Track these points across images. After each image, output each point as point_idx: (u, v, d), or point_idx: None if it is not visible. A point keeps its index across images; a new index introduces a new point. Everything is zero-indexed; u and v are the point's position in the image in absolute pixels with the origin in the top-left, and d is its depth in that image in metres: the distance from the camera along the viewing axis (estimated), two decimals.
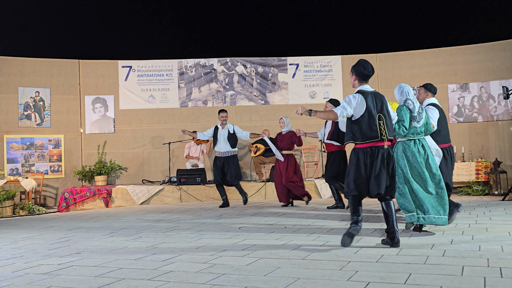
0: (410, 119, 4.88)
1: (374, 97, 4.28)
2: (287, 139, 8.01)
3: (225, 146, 8.21)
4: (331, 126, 7.51)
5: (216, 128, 8.35)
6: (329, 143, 7.48)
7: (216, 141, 8.27)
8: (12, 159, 9.93)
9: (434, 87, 5.80)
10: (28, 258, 4.25)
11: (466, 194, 9.19)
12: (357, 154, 4.23)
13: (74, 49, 12.02)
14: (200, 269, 3.53)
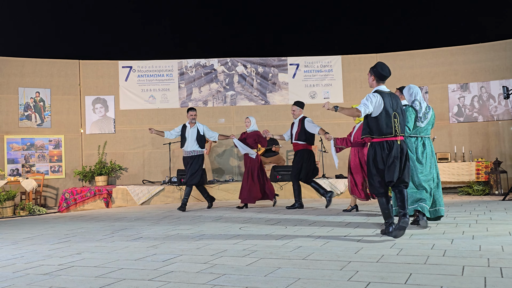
0: (415, 119, 5.23)
1: (390, 97, 4.71)
2: (251, 139, 7.99)
3: (192, 145, 8.02)
4: (298, 127, 7.69)
5: (184, 127, 8.15)
6: (296, 143, 7.69)
7: (184, 140, 8.06)
8: (13, 159, 9.93)
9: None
10: (29, 258, 4.26)
11: (467, 194, 9.20)
12: (374, 147, 4.69)
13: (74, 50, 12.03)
14: (200, 269, 3.53)
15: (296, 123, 7.73)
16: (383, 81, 4.81)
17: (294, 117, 7.82)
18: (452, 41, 10.74)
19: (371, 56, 10.94)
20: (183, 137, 8.11)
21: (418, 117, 5.23)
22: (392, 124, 4.62)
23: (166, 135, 8.18)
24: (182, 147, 8.13)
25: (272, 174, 9.61)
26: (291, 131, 7.83)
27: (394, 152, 4.58)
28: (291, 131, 7.83)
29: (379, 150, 4.64)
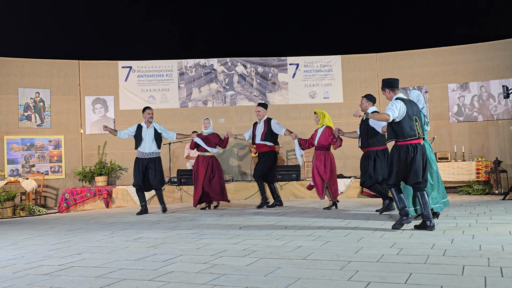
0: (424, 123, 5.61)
1: (410, 103, 5.13)
2: (214, 139, 7.93)
3: (150, 146, 7.70)
4: (264, 128, 7.77)
5: (140, 127, 7.80)
6: (262, 143, 7.77)
7: (140, 141, 7.71)
8: (13, 160, 9.93)
9: (374, 97, 6.74)
10: (29, 259, 4.26)
11: (467, 194, 9.20)
12: (398, 150, 5.04)
13: (74, 50, 12.03)
14: (200, 270, 3.53)
15: (261, 124, 7.85)
16: (398, 88, 5.28)
17: (259, 118, 7.91)
18: (452, 41, 10.75)
19: (371, 55, 10.94)
20: (139, 137, 7.72)
21: (426, 122, 5.75)
22: (415, 127, 5.02)
23: (119, 134, 7.74)
24: (137, 148, 7.74)
25: None
26: (254, 132, 7.89)
27: (418, 155, 4.97)
28: (254, 132, 7.89)
29: (403, 153, 5.01)
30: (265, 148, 7.78)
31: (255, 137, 7.91)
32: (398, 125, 5.03)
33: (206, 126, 7.96)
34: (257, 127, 7.94)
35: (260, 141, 7.79)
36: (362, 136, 6.64)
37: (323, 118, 7.30)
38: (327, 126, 7.24)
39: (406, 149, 4.99)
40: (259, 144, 7.84)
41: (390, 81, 5.30)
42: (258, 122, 7.95)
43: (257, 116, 7.93)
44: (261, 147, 7.82)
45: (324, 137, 7.16)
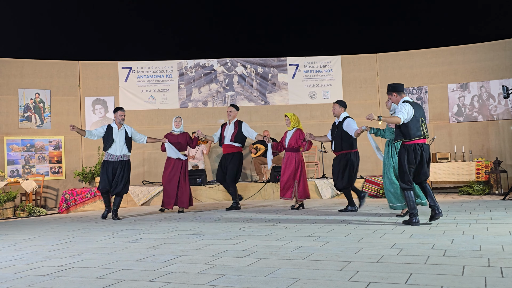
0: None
1: (415, 105, 5.42)
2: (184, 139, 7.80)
3: (122, 148, 7.27)
4: (234, 129, 7.80)
5: (110, 128, 7.33)
6: (230, 144, 7.78)
7: (111, 142, 7.23)
8: (13, 160, 9.93)
9: (345, 103, 7.14)
10: (29, 259, 4.26)
11: (467, 194, 9.20)
12: (407, 149, 5.36)
13: (74, 51, 12.04)
14: (200, 270, 3.53)
15: (231, 125, 7.84)
16: (403, 91, 5.57)
17: (230, 119, 7.89)
18: (452, 41, 10.76)
19: (371, 56, 10.95)
20: (109, 139, 7.25)
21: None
22: (421, 128, 5.35)
23: (87, 134, 7.22)
24: (107, 150, 7.25)
25: (272, 175, 9.61)
26: (223, 133, 7.86)
27: (425, 154, 5.36)
28: (223, 133, 7.86)
29: (411, 152, 5.34)
30: (234, 149, 7.79)
31: (223, 138, 7.86)
32: (405, 127, 5.34)
33: (178, 124, 7.81)
34: (226, 128, 7.89)
35: (229, 142, 7.78)
36: (336, 140, 6.93)
37: (294, 121, 7.55)
38: (297, 129, 7.51)
39: (414, 148, 5.33)
40: (228, 145, 7.80)
41: (396, 85, 5.59)
42: (228, 123, 7.92)
43: (228, 116, 7.91)
44: (229, 148, 7.79)
45: (294, 139, 7.43)
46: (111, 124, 7.39)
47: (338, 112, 6.98)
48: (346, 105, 7.08)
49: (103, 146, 7.34)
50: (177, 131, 7.83)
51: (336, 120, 7.05)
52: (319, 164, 10.36)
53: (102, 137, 7.34)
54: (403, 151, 5.40)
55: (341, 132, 6.84)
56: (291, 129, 7.53)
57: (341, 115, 6.95)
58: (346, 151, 6.83)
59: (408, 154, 5.35)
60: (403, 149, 5.41)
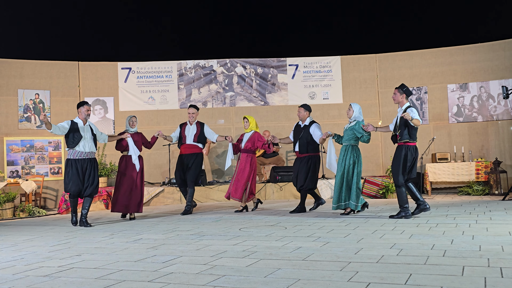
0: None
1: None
2: (138, 140, 7.44)
3: (91, 145, 6.77)
4: (196, 130, 7.79)
5: (75, 123, 6.73)
6: (194, 144, 7.77)
7: (79, 138, 6.65)
8: (12, 161, 9.93)
9: (310, 107, 7.38)
10: (29, 260, 4.25)
11: (466, 194, 9.20)
12: (407, 150, 5.90)
13: (73, 51, 12.03)
14: (200, 271, 3.53)
15: (193, 126, 7.80)
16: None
17: (192, 120, 7.83)
18: (451, 41, 10.76)
19: (370, 56, 10.95)
20: (76, 135, 6.66)
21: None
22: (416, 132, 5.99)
23: (53, 128, 6.46)
24: (75, 147, 6.64)
25: (272, 175, 9.61)
26: (183, 133, 7.80)
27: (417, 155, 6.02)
28: (183, 133, 7.80)
29: (410, 153, 5.90)
30: (197, 150, 7.78)
31: (184, 137, 7.77)
32: (414, 130, 5.91)
33: (134, 124, 7.46)
34: (187, 128, 7.81)
35: (192, 142, 7.74)
36: (301, 142, 7.13)
37: (253, 124, 7.75)
38: (255, 131, 7.73)
39: (414, 149, 5.93)
40: (190, 145, 7.73)
41: (409, 90, 6.15)
42: (190, 124, 7.83)
43: (190, 117, 7.83)
44: (192, 148, 7.75)
45: (251, 142, 7.64)
46: (74, 119, 6.78)
47: (304, 116, 7.24)
48: (311, 110, 7.36)
49: (67, 143, 6.70)
50: (132, 131, 7.48)
51: (301, 123, 7.29)
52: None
53: (66, 134, 6.67)
54: (403, 151, 5.91)
55: (307, 135, 7.10)
56: (249, 131, 7.72)
57: (306, 119, 7.23)
58: (311, 153, 7.14)
59: (407, 155, 5.89)
60: (404, 149, 5.92)
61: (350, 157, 6.47)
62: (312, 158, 7.14)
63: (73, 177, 6.58)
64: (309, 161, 7.12)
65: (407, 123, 5.87)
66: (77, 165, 6.62)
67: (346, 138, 6.59)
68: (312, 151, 7.13)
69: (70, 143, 6.64)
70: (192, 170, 7.65)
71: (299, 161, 7.21)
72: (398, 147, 6.03)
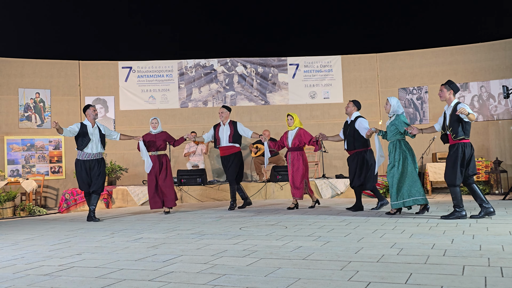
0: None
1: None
2: (161, 139, 7.69)
3: (98, 146, 7.09)
4: (230, 130, 7.78)
5: (84, 126, 7.06)
6: (230, 145, 7.78)
7: (87, 140, 7.00)
8: (13, 160, 9.93)
9: (360, 103, 7.16)
10: (29, 259, 4.26)
11: (467, 194, 9.19)
12: (465, 147, 5.64)
13: (74, 50, 12.04)
14: (201, 270, 3.53)
15: (226, 126, 7.84)
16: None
17: (223, 120, 7.89)
18: (452, 41, 10.76)
19: (371, 56, 10.95)
20: (86, 137, 7.01)
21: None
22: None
23: (65, 132, 6.85)
24: (83, 149, 7.01)
25: (272, 174, 9.62)
26: (217, 135, 7.84)
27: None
28: (217, 135, 7.84)
29: (467, 150, 5.66)
30: (233, 149, 7.80)
31: (219, 140, 7.82)
32: (468, 125, 5.62)
33: (155, 126, 7.70)
34: (220, 129, 7.86)
35: (228, 143, 7.77)
36: (348, 138, 6.95)
37: (297, 121, 7.64)
38: (300, 128, 7.61)
39: (470, 146, 5.68)
40: (227, 146, 7.77)
41: (457, 87, 5.82)
42: (223, 124, 7.88)
43: (220, 117, 7.89)
44: (229, 149, 7.78)
45: (298, 138, 7.50)
46: (83, 121, 7.12)
47: (351, 111, 7.01)
48: (360, 106, 7.12)
49: (77, 145, 7.05)
50: (155, 132, 7.71)
51: (348, 119, 7.08)
52: (319, 164, 10.36)
53: (76, 136, 7.02)
54: (460, 148, 5.62)
55: (353, 131, 6.86)
56: (293, 128, 7.58)
57: (353, 115, 6.98)
58: (359, 149, 6.88)
59: (466, 152, 5.64)
60: (461, 147, 5.63)
61: (400, 152, 6.18)
62: (359, 154, 6.89)
63: (83, 177, 7.06)
64: (356, 158, 6.91)
65: (460, 119, 5.53)
66: (85, 165, 7.04)
67: (391, 135, 6.31)
68: (360, 147, 6.87)
69: (80, 145, 7.04)
70: (231, 168, 7.77)
71: (350, 159, 7.03)
72: (452, 146, 5.69)
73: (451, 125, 5.66)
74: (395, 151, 6.22)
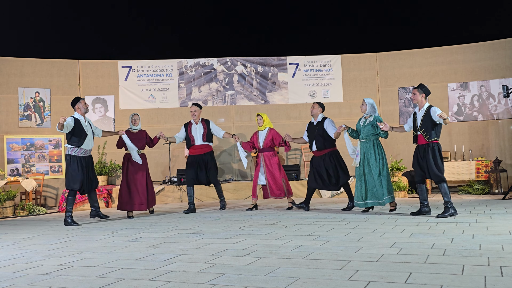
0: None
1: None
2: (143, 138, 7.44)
3: (91, 142, 6.79)
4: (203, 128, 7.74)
5: (78, 120, 6.67)
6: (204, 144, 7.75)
7: (85, 136, 6.64)
8: (13, 159, 9.93)
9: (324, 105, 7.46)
10: (29, 258, 4.26)
11: (467, 193, 9.20)
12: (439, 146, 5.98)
13: (74, 49, 12.02)
14: (200, 269, 3.53)
15: (199, 125, 7.76)
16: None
17: (196, 118, 7.77)
18: (452, 40, 10.75)
19: (371, 55, 10.94)
20: (81, 132, 6.59)
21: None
22: None
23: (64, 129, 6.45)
24: (81, 146, 6.60)
25: None
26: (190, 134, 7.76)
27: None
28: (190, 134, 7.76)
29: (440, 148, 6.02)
30: (208, 148, 7.77)
31: (192, 138, 7.70)
32: (440, 128, 5.98)
33: (136, 122, 7.39)
34: (192, 128, 7.74)
35: (202, 142, 7.70)
36: (318, 139, 7.11)
37: (266, 121, 7.71)
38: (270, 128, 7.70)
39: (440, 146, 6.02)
40: (201, 145, 7.69)
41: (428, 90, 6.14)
42: (194, 123, 7.75)
43: (193, 116, 7.74)
44: (203, 148, 7.72)
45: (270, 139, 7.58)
46: (75, 115, 6.66)
47: (317, 113, 7.26)
48: (324, 107, 7.41)
49: (71, 141, 6.59)
50: (136, 128, 7.45)
51: (314, 120, 7.30)
52: None
53: (71, 131, 6.55)
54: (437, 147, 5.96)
55: (322, 132, 7.09)
56: (263, 129, 7.66)
57: (319, 116, 7.24)
58: (330, 149, 7.10)
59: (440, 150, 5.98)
60: (437, 146, 5.96)
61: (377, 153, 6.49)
62: (333, 154, 7.09)
63: (80, 174, 6.58)
64: (331, 157, 7.05)
65: (434, 122, 5.88)
66: (82, 162, 6.63)
67: (366, 134, 6.55)
68: (330, 147, 7.10)
69: (76, 141, 6.56)
70: (212, 169, 7.70)
71: (320, 159, 7.09)
72: (428, 146, 5.97)
73: (424, 127, 6.00)
74: (370, 150, 6.48)
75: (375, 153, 6.49)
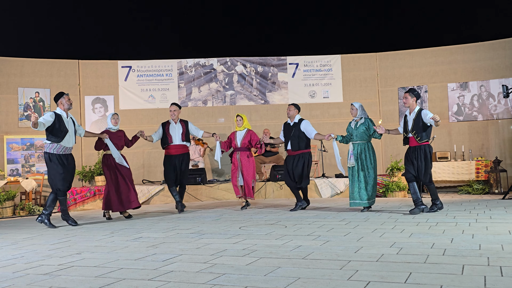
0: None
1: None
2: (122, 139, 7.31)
3: (73, 139, 6.48)
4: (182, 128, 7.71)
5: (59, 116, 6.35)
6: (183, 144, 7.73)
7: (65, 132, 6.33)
8: (12, 159, 9.93)
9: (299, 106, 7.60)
10: (29, 258, 4.26)
11: (467, 193, 9.20)
12: (430, 148, 6.22)
13: (73, 50, 12.03)
14: (200, 269, 3.53)
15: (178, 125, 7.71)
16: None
17: (175, 118, 7.73)
18: (452, 40, 10.76)
19: (371, 55, 10.94)
20: (62, 128, 6.25)
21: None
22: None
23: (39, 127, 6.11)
24: (60, 142, 6.25)
25: (272, 174, 9.62)
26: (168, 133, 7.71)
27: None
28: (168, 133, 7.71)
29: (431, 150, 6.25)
30: (185, 149, 7.76)
31: (170, 138, 7.62)
32: (430, 130, 6.21)
33: (116, 122, 7.24)
34: (171, 127, 7.67)
35: (181, 142, 7.67)
36: (293, 140, 7.23)
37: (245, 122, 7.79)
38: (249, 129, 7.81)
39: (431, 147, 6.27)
40: (179, 145, 7.66)
41: (420, 95, 6.38)
42: (173, 122, 7.70)
43: (172, 116, 7.67)
44: (181, 148, 7.69)
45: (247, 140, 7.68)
46: (57, 111, 6.33)
47: (294, 114, 7.36)
48: (300, 109, 7.56)
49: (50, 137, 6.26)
50: (115, 128, 7.30)
51: (290, 121, 7.39)
52: (318, 163, 10.36)
53: (50, 127, 6.21)
54: (429, 149, 6.19)
55: (298, 133, 7.20)
56: (242, 129, 7.74)
57: (295, 117, 7.34)
58: (304, 150, 7.22)
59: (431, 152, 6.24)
60: (428, 147, 6.19)
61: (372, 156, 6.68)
62: (305, 155, 7.24)
63: (63, 173, 6.25)
64: (303, 158, 7.22)
65: (425, 124, 6.13)
66: (62, 160, 6.27)
67: (359, 137, 6.69)
68: (304, 148, 7.25)
69: (55, 136, 6.20)
70: (185, 171, 7.73)
71: (293, 159, 7.27)
72: (420, 148, 6.23)
73: (415, 129, 6.22)
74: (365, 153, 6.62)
75: (369, 156, 6.64)
